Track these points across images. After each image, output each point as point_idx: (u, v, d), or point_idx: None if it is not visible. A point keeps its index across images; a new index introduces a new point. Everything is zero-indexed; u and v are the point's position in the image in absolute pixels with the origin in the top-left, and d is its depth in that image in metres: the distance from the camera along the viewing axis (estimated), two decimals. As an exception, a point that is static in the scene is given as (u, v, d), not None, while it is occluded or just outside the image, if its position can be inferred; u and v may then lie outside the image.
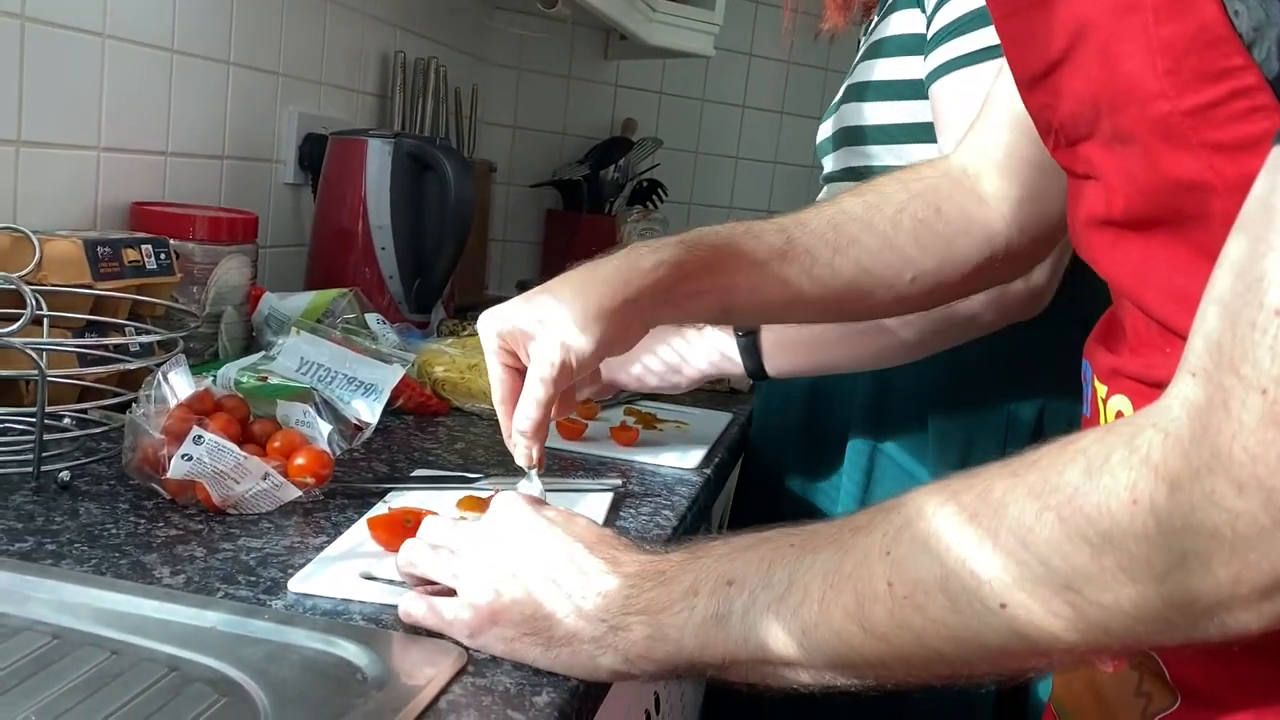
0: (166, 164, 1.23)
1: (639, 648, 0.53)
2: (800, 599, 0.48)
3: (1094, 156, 0.49)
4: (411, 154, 1.38)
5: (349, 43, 1.64)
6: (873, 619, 0.46)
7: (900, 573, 0.45)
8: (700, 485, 0.95)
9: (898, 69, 1.03)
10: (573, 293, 0.71)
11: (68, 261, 0.91)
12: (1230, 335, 0.36)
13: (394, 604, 0.61)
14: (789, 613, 0.48)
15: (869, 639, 0.46)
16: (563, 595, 0.56)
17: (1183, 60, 0.41)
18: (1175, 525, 0.38)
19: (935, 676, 0.47)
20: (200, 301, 1.11)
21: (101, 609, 0.59)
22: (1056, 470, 0.41)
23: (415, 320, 1.41)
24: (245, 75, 1.35)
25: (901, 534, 0.46)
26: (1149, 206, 0.46)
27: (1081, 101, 0.48)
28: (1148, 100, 0.43)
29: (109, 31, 1.09)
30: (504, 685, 0.55)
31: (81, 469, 0.79)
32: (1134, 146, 0.45)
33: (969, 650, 0.44)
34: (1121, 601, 0.40)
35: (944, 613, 0.44)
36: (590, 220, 2.27)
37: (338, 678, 0.54)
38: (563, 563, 0.57)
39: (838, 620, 0.47)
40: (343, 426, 0.89)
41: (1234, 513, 0.36)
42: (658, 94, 2.46)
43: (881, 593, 0.45)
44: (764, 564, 0.50)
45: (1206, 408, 0.37)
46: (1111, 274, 0.52)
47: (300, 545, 0.70)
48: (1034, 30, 0.51)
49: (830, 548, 0.49)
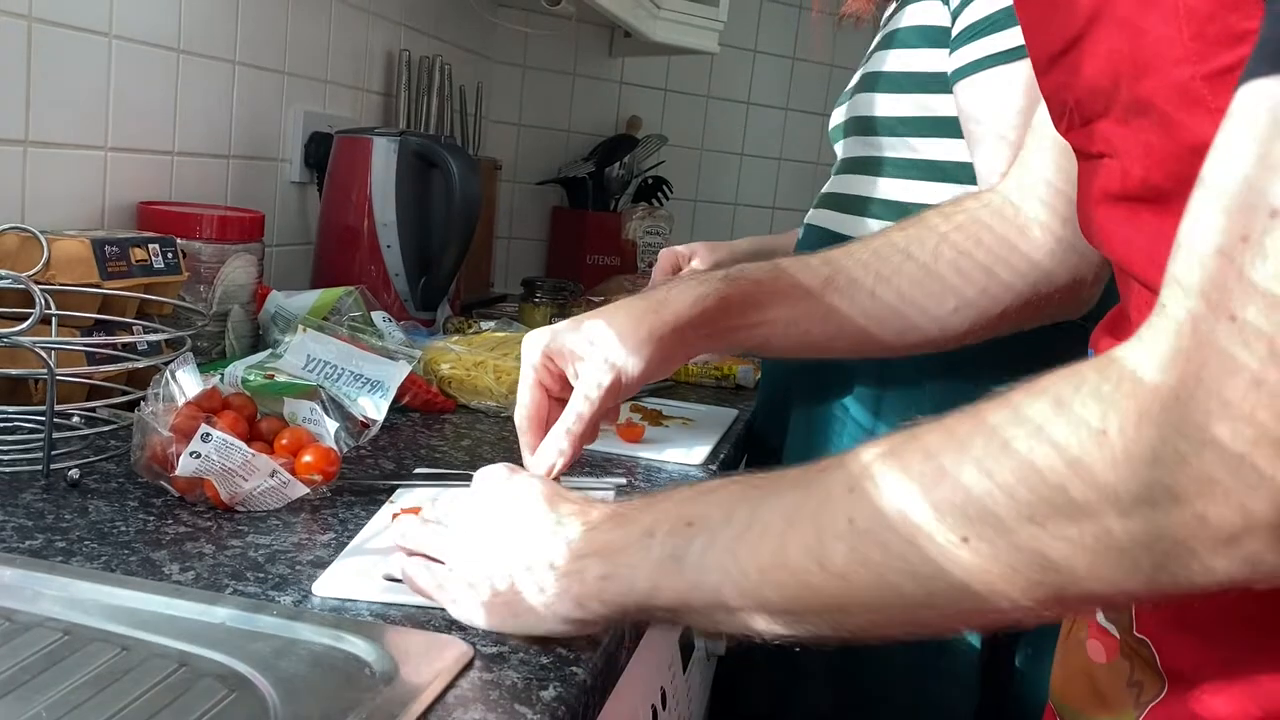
0: (173, 163, 1.23)
1: (591, 588, 0.53)
2: (759, 536, 0.48)
3: (1109, 133, 0.49)
4: (417, 152, 1.39)
5: (354, 41, 1.64)
6: (832, 555, 0.45)
7: (862, 508, 0.44)
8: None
9: (911, 60, 1.03)
10: (624, 318, 0.75)
11: (76, 261, 0.92)
12: (1202, 267, 0.36)
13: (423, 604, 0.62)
14: (747, 551, 0.48)
15: (827, 577, 0.45)
16: (532, 556, 0.56)
17: (1207, 25, 0.41)
18: (1144, 455, 0.37)
19: (891, 623, 0.46)
20: (207, 300, 1.12)
21: (111, 605, 0.59)
22: (1025, 404, 0.41)
23: (421, 318, 1.42)
24: (251, 74, 1.36)
25: (866, 470, 0.45)
26: (1164, 177, 0.46)
27: (1100, 76, 0.48)
28: (1171, 66, 0.43)
29: (115, 32, 1.10)
30: (511, 680, 0.55)
31: (90, 467, 0.79)
32: (1151, 117, 0.45)
33: (929, 589, 0.43)
34: (1085, 536, 0.39)
35: (904, 547, 0.43)
36: (595, 217, 2.27)
37: (346, 672, 0.55)
38: (522, 520, 0.58)
39: (796, 557, 0.46)
40: (349, 424, 0.89)
41: (1204, 442, 0.35)
42: (662, 91, 2.46)
43: (843, 529, 0.45)
44: (726, 505, 0.50)
45: (1177, 336, 0.36)
46: (1122, 253, 0.52)
47: (308, 542, 0.71)
48: (1054, 8, 0.51)
49: (794, 488, 0.48)
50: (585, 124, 2.38)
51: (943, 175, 1.04)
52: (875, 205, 1.09)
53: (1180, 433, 0.36)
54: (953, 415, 0.44)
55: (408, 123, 1.78)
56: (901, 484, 0.43)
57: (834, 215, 1.14)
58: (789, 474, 0.50)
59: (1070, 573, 0.40)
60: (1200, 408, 0.35)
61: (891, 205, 1.07)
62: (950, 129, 1.02)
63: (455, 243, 1.40)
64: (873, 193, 1.09)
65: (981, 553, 0.41)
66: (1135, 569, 0.38)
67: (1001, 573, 0.41)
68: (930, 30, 1.01)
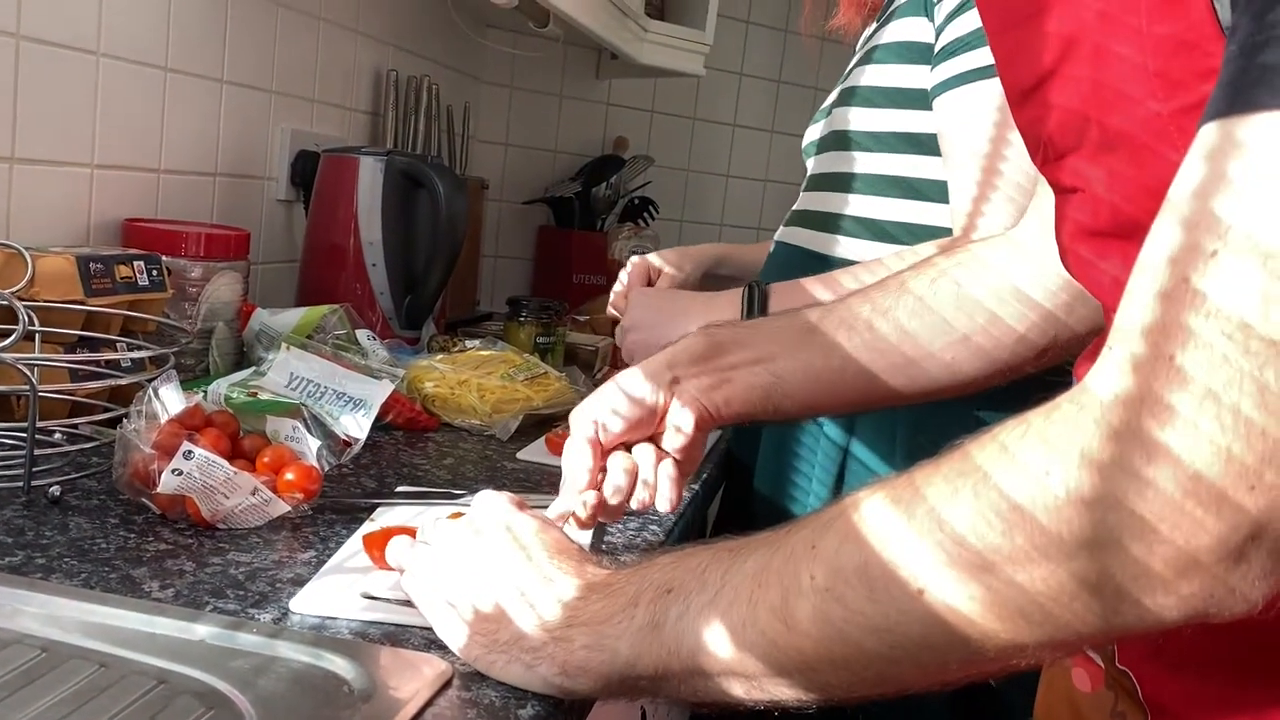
0: (159, 181, 1.23)
1: (578, 658, 0.53)
2: (730, 600, 0.48)
3: (1081, 168, 0.50)
4: (403, 171, 1.39)
5: (342, 61, 1.65)
6: (796, 614, 0.45)
7: (822, 565, 0.45)
8: (688, 501, 0.96)
9: (889, 76, 1.04)
10: None
11: (60, 277, 0.92)
12: (1146, 311, 0.37)
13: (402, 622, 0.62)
14: (719, 614, 0.48)
15: (794, 636, 0.45)
16: (517, 600, 0.56)
17: (1172, 60, 0.42)
18: (1085, 497, 0.37)
19: (864, 682, 0.46)
20: (192, 317, 1.12)
21: (91, 622, 0.59)
22: (975, 451, 0.42)
23: (406, 336, 1.42)
24: (238, 93, 1.36)
25: (828, 527, 0.46)
26: (1134, 211, 0.47)
27: (1070, 112, 0.49)
28: (1138, 102, 0.44)
29: (103, 50, 1.10)
30: (489, 698, 0.56)
31: (72, 484, 0.79)
32: (1121, 152, 0.46)
33: (891, 643, 0.43)
34: (1035, 581, 0.39)
35: (863, 603, 0.43)
36: (581, 237, 2.28)
37: (325, 690, 0.55)
38: (524, 568, 0.57)
39: (764, 618, 0.46)
40: (332, 442, 0.89)
41: (1143, 482, 0.36)
42: (649, 112, 2.47)
43: (805, 586, 0.45)
44: (700, 569, 0.50)
45: (1118, 379, 0.37)
46: (1095, 286, 0.53)
47: (289, 560, 0.71)
48: (1026, 44, 0.51)
49: (763, 548, 0.49)
50: (572, 144, 2.39)
51: (915, 193, 1.05)
52: (847, 222, 1.09)
53: (1121, 471, 0.36)
54: (917, 466, 0.44)
55: (395, 142, 1.78)
56: (858, 539, 0.44)
57: (805, 232, 1.15)
58: (762, 535, 0.50)
59: (1027, 618, 0.40)
60: (1137, 451, 0.36)
61: (863, 222, 1.08)
62: (926, 146, 1.03)
63: (441, 262, 1.40)
64: (844, 209, 1.10)
65: (936, 605, 0.41)
66: (1088, 610, 0.39)
67: (958, 622, 0.41)
68: (910, 46, 1.02)
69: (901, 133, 1.04)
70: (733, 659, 0.48)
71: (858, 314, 0.77)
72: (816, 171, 1.16)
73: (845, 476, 1.07)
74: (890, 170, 1.05)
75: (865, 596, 0.43)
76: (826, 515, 0.46)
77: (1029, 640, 0.41)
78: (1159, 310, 0.36)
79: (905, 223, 1.05)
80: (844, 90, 1.10)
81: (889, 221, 1.06)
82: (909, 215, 1.05)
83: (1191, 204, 0.36)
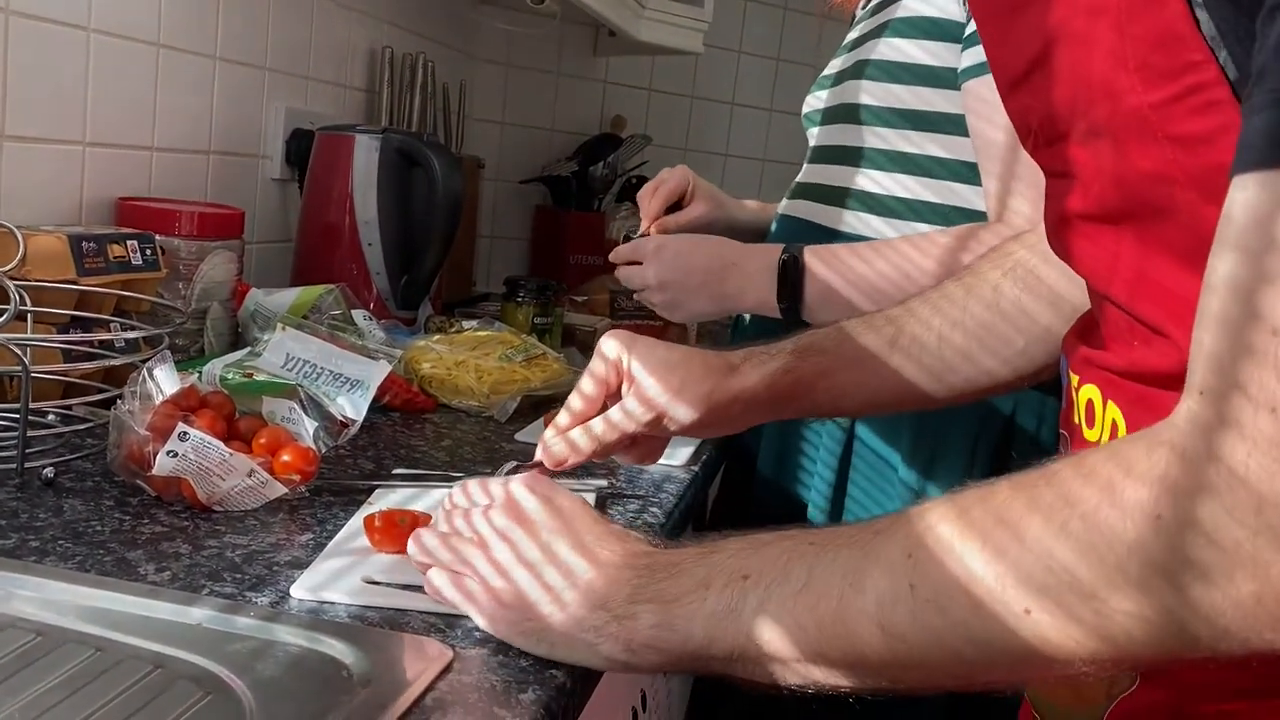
0: (152, 159, 1.22)
1: (644, 636, 0.54)
2: (818, 595, 0.49)
3: (1070, 154, 0.50)
4: (399, 149, 1.38)
5: (336, 38, 1.63)
6: (893, 619, 0.46)
7: (923, 576, 0.46)
8: (688, 482, 0.95)
9: (906, 51, 1.02)
10: (697, 369, 0.76)
11: (52, 257, 0.91)
12: (1232, 356, 0.38)
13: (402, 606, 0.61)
14: (805, 609, 0.49)
15: (888, 639, 0.47)
16: (568, 584, 0.56)
17: (1150, 56, 0.43)
18: (1192, 540, 0.39)
19: (949, 679, 0.47)
20: (186, 297, 1.11)
21: (86, 606, 0.58)
22: (1076, 486, 0.43)
23: (402, 317, 1.41)
24: (231, 70, 1.35)
25: (924, 538, 0.47)
26: (1119, 199, 0.47)
27: (1058, 101, 0.49)
28: (1119, 95, 0.44)
29: (94, 25, 1.08)
30: (490, 682, 0.55)
31: (65, 465, 0.79)
32: (1106, 141, 0.47)
33: (989, 654, 0.45)
34: (1145, 610, 0.40)
35: (967, 615, 0.44)
36: (579, 217, 2.27)
37: (323, 675, 0.54)
38: (572, 552, 0.57)
39: (856, 619, 0.47)
40: (328, 423, 0.88)
41: (1249, 529, 0.37)
42: (647, 90, 2.45)
43: (904, 594, 0.46)
44: (781, 559, 0.51)
45: (1217, 426, 0.38)
46: (1085, 268, 0.54)
47: (286, 542, 0.70)
48: (1012, 33, 0.52)
49: (851, 547, 0.49)
50: (569, 123, 2.37)
51: (925, 171, 1.04)
52: (853, 197, 1.08)
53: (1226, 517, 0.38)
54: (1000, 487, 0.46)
55: (390, 120, 1.77)
56: (963, 555, 0.45)
57: (811, 205, 1.13)
58: (843, 532, 0.51)
59: (1129, 643, 0.42)
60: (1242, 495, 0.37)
61: (872, 198, 1.07)
62: (938, 124, 1.02)
63: (437, 241, 1.39)
64: (851, 183, 1.08)
65: (1043, 624, 0.43)
66: (1194, 640, 0.40)
67: (1062, 643, 0.43)
68: (926, 22, 1.01)
69: (915, 110, 1.03)
70: (816, 652, 0.49)
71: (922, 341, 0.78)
72: (822, 143, 1.14)
73: (851, 461, 1.06)
74: (901, 147, 1.04)
75: (970, 610, 0.44)
76: (919, 524, 0.47)
77: (1130, 659, 0.43)
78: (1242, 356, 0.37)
79: (914, 199, 1.04)
80: (857, 62, 1.08)
81: (897, 198, 1.05)
82: (918, 193, 1.04)
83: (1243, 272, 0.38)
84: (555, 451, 0.75)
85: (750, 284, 1.06)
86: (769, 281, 1.04)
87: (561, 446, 0.75)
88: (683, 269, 1.11)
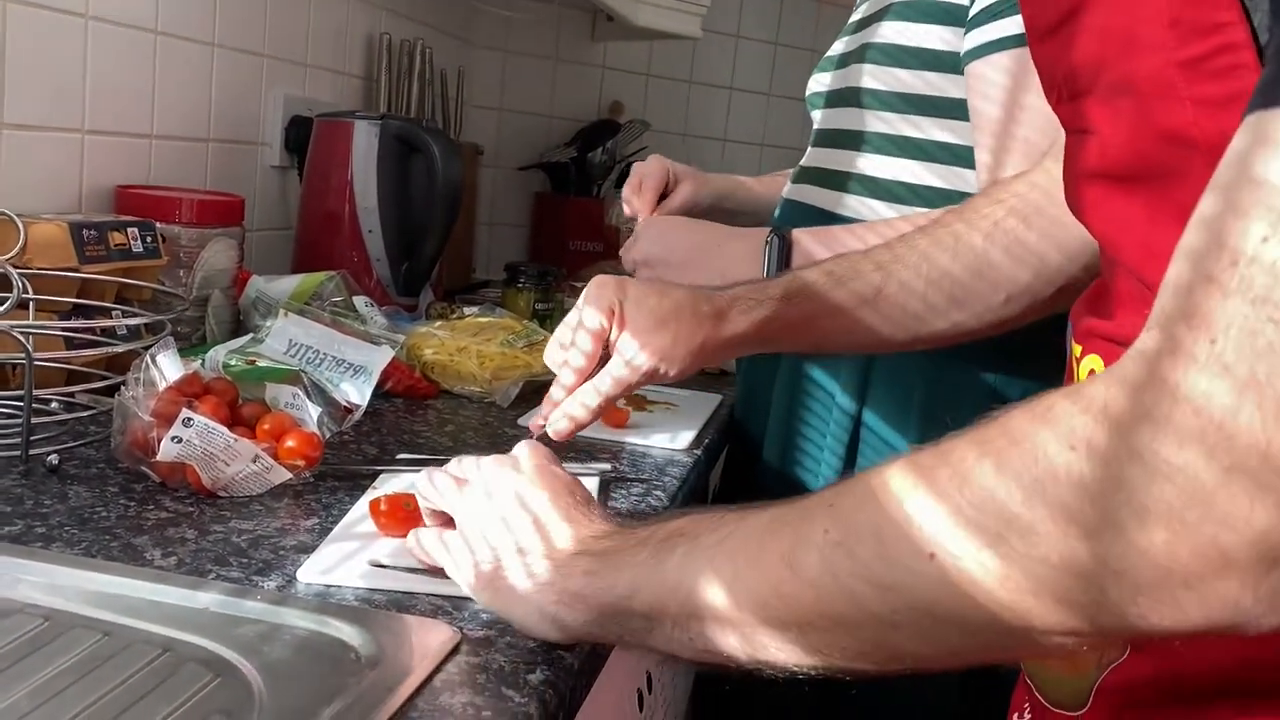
0: (151, 147, 1.22)
1: (575, 584, 0.54)
2: (739, 543, 0.48)
3: (1092, 111, 0.50)
4: (398, 136, 1.38)
5: (334, 24, 1.63)
6: (803, 563, 0.45)
7: (838, 520, 0.45)
8: (690, 466, 0.96)
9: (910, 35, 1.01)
10: (688, 320, 0.80)
11: (53, 245, 0.90)
12: (1188, 288, 0.36)
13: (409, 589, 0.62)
14: (725, 555, 0.48)
15: (797, 584, 0.45)
16: (534, 539, 0.57)
17: (1183, 12, 0.42)
18: (1112, 475, 0.36)
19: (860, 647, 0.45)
20: (187, 285, 1.11)
21: (93, 591, 0.59)
22: (1005, 419, 0.41)
23: (403, 303, 1.41)
24: (230, 57, 1.34)
25: (849, 488, 0.46)
26: (1138, 159, 0.47)
27: (1088, 54, 0.49)
28: (1151, 50, 0.43)
29: (92, 12, 1.08)
30: (498, 663, 0.55)
31: (70, 452, 0.79)
32: (1130, 98, 0.46)
33: (894, 605, 0.42)
34: (1050, 555, 0.38)
35: (872, 558, 0.43)
36: (578, 203, 2.26)
37: (331, 657, 0.54)
38: (549, 512, 0.59)
39: (769, 562, 0.46)
40: (332, 409, 0.88)
41: (1174, 467, 0.34)
42: (645, 76, 2.45)
43: (817, 539, 0.45)
44: (716, 519, 0.51)
45: (1156, 356, 0.36)
46: (1100, 229, 0.53)
47: (292, 527, 0.70)
48: None
49: (782, 504, 0.49)
50: (567, 109, 2.36)
51: (930, 156, 1.03)
52: (857, 181, 1.08)
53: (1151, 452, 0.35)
54: (947, 436, 0.44)
55: (388, 107, 1.76)
56: (877, 498, 0.43)
57: (816, 190, 1.13)
58: (783, 500, 0.50)
59: (1036, 596, 0.39)
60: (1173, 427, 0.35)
61: (876, 183, 1.06)
62: (944, 109, 1.01)
63: (437, 227, 1.39)
64: (855, 168, 1.08)
65: (946, 570, 0.40)
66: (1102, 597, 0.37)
67: (964, 590, 0.40)
68: (933, 5, 1.00)
69: (920, 95, 1.02)
70: (730, 603, 0.48)
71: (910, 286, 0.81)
72: (826, 126, 1.14)
73: (858, 447, 1.05)
74: (906, 132, 1.03)
75: (875, 552, 0.43)
76: (850, 480, 0.47)
77: (1036, 623, 0.39)
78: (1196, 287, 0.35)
79: (918, 185, 1.04)
80: (860, 45, 1.07)
81: (902, 183, 1.05)
82: (923, 178, 1.04)
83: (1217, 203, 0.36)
84: (560, 428, 0.79)
85: (736, 261, 1.06)
86: (755, 258, 1.04)
87: (565, 424, 0.79)
88: (669, 245, 1.11)
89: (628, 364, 0.79)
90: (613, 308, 0.79)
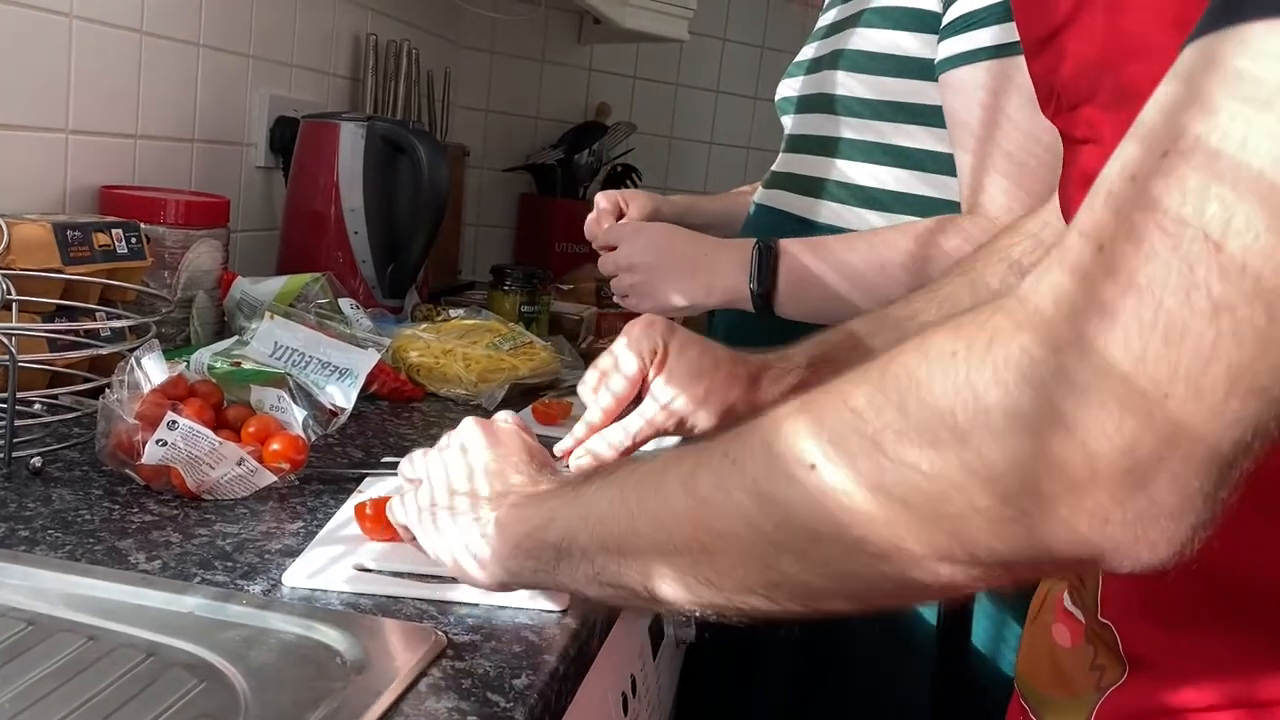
0: (136, 147, 1.21)
1: (501, 515, 0.57)
2: (648, 472, 0.50)
3: (1094, 118, 0.50)
4: (384, 137, 1.37)
5: (320, 25, 1.62)
6: (699, 483, 0.46)
7: (736, 441, 0.46)
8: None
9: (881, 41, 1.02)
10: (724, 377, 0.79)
11: (37, 245, 0.90)
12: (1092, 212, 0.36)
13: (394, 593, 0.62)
14: (633, 484, 0.50)
15: (689, 501, 0.46)
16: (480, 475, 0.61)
17: (1186, 12, 0.41)
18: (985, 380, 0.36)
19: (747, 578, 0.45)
20: (172, 286, 1.10)
21: (77, 595, 0.58)
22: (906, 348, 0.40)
23: (389, 305, 1.41)
24: (215, 57, 1.34)
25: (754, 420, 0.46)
26: None
27: (1085, 62, 0.49)
28: (1154, 53, 0.43)
29: (76, 12, 1.07)
30: (484, 668, 0.55)
31: (53, 455, 0.78)
32: (1135, 104, 0.45)
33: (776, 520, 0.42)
34: (922, 463, 0.37)
35: (759, 471, 0.43)
36: (564, 205, 2.26)
37: (317, 661, 0.54)
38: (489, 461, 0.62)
39: (669, 486, 0.47)
40: (317, 412, 0.88)
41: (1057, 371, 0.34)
42: (631, 78, 2.45)
43: (715, 461, 0.46)
44: (637, 462, 0.53)
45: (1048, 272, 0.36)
46: None
47: (277, 531, 0.70)
48: None
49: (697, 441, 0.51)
50: (554, 111, 2.37)
51: (903, 160, 1.04)
52: (833, 187, 1.08)
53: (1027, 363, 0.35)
54: None
55: (374, 108, 1.76)
56: (771, 422, 0.44)
57: (789, 196, 1.13)
58: None
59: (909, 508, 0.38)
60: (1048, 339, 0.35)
61: (851, 189, 1.07)
62: (915, 114, 1.02)
63: (423, 229, 1.39)
64: (830, 174, 1.08)
65: (824, 482, 0.40)
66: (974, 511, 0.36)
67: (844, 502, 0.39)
68: (903, 12, 1.00)
69: (891, 100, 1.03)
70: (630, 530, 0.49)
71: None
72: (798, 132, 1.14)
73: None
74: (878, 137, 1.04)
75: (763, 465, 0.43)
76: None
77: (913, 544, 0.38)
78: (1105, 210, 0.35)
79: (892, 190, 1.04)
80: (832, 51, 1.08)
81: (876, 188, 1.05)
82: (896, 183, 1.04)
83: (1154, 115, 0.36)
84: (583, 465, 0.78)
85: (723, 271, 1.05)
86: (742, 267, 1.04)
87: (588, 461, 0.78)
88: (657, 251, 1.10)
89: (663, 408, 0.79)
90: (656, 349, 0.78)
